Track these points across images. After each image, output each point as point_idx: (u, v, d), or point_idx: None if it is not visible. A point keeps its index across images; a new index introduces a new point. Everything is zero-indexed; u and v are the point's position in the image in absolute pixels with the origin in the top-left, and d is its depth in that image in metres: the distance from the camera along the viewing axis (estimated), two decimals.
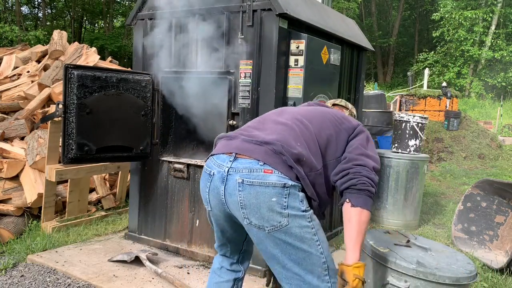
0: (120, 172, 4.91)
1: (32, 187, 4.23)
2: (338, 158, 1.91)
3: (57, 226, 4.09)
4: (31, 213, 4.29)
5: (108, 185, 5.04)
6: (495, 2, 20.93)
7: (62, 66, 4.77)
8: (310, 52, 3.28)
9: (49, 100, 5.14)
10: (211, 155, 1.91)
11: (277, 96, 3.18)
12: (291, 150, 1.77)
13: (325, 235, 1.84)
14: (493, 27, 21.32)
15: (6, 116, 5.18)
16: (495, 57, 20.53)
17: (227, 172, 1.77)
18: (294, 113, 1.99)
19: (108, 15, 27.45)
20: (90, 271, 3.23)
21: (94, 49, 6.21)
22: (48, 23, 25.45)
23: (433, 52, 23.11)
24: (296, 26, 3.34)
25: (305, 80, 3.24)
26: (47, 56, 6.04)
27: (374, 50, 7.44)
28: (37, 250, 3.59)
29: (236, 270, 2.14)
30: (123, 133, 3.50)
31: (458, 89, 20.35)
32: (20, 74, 5.84)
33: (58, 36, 6.24)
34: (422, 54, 23.49)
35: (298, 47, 3.23)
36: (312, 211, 1.82)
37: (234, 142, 1.85)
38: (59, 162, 4.12)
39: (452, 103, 11.51)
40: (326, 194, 1.91)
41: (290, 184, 1.73)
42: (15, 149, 4.60)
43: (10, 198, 4.26)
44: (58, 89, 5.02)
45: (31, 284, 3.06)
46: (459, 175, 8.53)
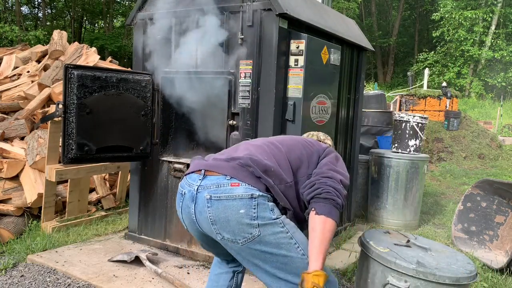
0: (120, 172, 4.91)
1: (32, 187, 4.23)
2: (309, 175, 1.94)
3: (57, 226, 4.09)
4: (31, 213, 4.29)
5: (108, 185, 5.04)
6: (495, 2, 20.92)
7: (62, 66, 4.77)
8: (310, 52, 3.28)
9: (49, 100, 5.14)
10: (184, 175, 1.97)
11: (277, 96, 3.18)
12: (258, 161, 1.82)
13: (304, 236, 1.84)
14: (493, 27, 21.32)
15: (6, 116, 5.18)
16: (495, 57, 20.54)
17: (197, 190, 1.81)
18: (266, 138, 2.10)
19: (108, 15, 27.44)
20: (90, 271, 3.23)
21: (94, 49, 6.21)
22: (48, 23, 25.44)
23: (433, 52, 23.11)
24: (296, 26, 3.34)
25: (305, 80, 3.24)
26: (47, 56, 6.04)
27: (374, 50, 7.44)
28: (37, 250, 3.59)
29: (236, 264, 2.18)
30: (123, 133, 3.50)
31: (458, 89, 20.35)
32: (20, 74, 5.84)
33: (58, 36, 6.24)
34: (422, 54, 23.49)
35: (298, 47, 3.23)
36: (284, 216, 1.83)
37: (205, 161, 1.91)
38: (59, 162, 4.12)
39: (452, 103, 11.51)
40: (299, 209, 1.93)
41: (257, 194, 1.75)
42: (15, 149, 4.60)
43: (10, 198, 4.26)
44: (58, 89, 5.02)
45: (31, 284, 3.06)
46: (459, 175, 8.53)
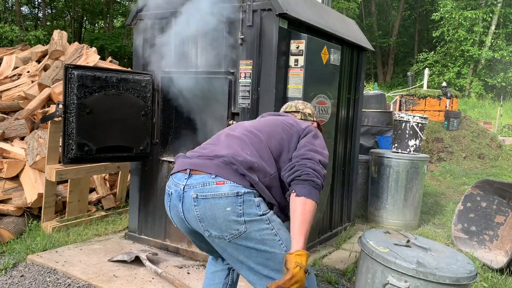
0: (120, 172, 4.91)
1: (32, 187, 4.23)
2: (290, 159, 1.96)
3: (57, 226, 4.10)
4: (31, 213, 4.29)
5: (108, 185, 5.04)
6: (495, 2, 20.93)
7: (62, 66, 4.77)
8: (310, 52, 3.28)
9: (49, 100, 5.14)
10: (171, 175, 1.99)
11: (277, 96, 3.18)
12: (241, 159, 1.83)
13: (288, 233, 1.86)
14: (493, 27, 21.32)
15: (6, 116, 5.18)
16: (495, 57, 20.53)
17: (183, 189, 1.84)
18: (246, 126, 2.07)
19: (108, 15, 27.44)
20: (90, 271, 3.23)
21: (94, 49, 6.21)
22: (48, 23, 25.44)
23: (433, 52, 23.11)
24: (296, 26, 3.34)
25: (305, 80, 3.24)
26: (47, 56, 6.04)
27: (374, 50, 7.44)
28: (37, 250, 3.59)
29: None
30: (123, 133, 3.50)
31: (458, 89, 20.35)
32: (20, 74, 5.84)
33: (58, 36, 6.24)
34: (422, 54, 23.49)
35: (298, 47, 3.23)
36: (271, 213, 1.86)
37: (189, 160, 1.92)
38: (59, 162, 4.12)
39: (452, 103, 11.51)
40: (283, 196, 1.96)
41: (243, 191, 1.78)
42: (15, 149, 4.60)
43: (10, 198, 4.26)
44: (58, 89, 5.02)
45: (31, 284, 3.06)
46: (459, 175, 8.53)
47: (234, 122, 3.32)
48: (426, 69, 15.77)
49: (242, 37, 3.23)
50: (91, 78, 3.24)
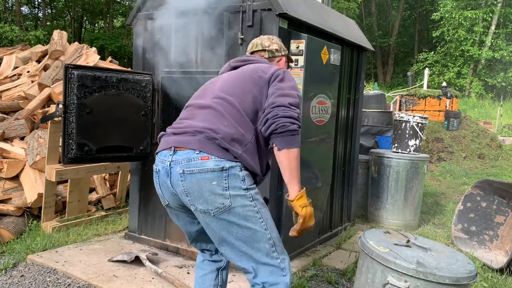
0: (120, 172, 4.91)
1: (32, 187, 4.23)
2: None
3: (57, 226, 4.10)
4: (31, 213, 4.29)
5: (108, 185, 5.04)
6: (495, 2, 20.93)
7: (62, 66, 4.77)
8: (310, 52, 3.28)
9: (49, 100, 5.14)
10: (156, 154, 2.04)
11: None
12: (221, 133, 1.87)
13: (269, 214, 1.96)
14: (493, 27, 21.33)
15: (6, 116, 5.18)
16: (495, 57, 20.55)
17: (169, 165, 1.90)
18: (215, 90, 2.04)
19: (108, 15, 27.45)
20: (90, 271, 3.23)
21: (94, 49, 6.21)
22: (48, 23, 25.44)
23: (433, 52, 23.12)
24: (296, 26, 3.34)
25: (305, 80, 3.24)
26: (47, 56, 6.04)
27: (374, 50, 7.44)
28: (37, 250, 3.59)
29: (217, 260, 2.22)
30: (123, 133, 3.50)
31: (458, 89, 20.36)
32: (20, 74, 5.84)
33: (58, 36, 6.24)
34: (422, 54, 23.50)
35: (298, 47, 3.23)
36: (255, 191, 1.92)
37: (172, 137, 1.97)
38: (59, 162, 4.12)
39: (452, 103, 11.51)
40: (267, 152, 2.03)
41: (228, 166, 1.84)
42: (15, 149, 4.60)
43: (10, 198, 4.26)
44: (58, 89, 5.02)
45: (31, 284, 3.06)
46: (459, 175, 8.53)
47: None
48: (426, 69, 15.78)
49: (242, 37, 3.23)
50: (91, 78, 3.24)
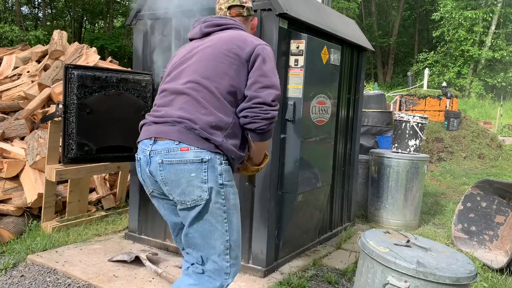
0: (120, 172, 4.91)
1: (32, 187, 4.23)
2: (244, 96, 1.96)
3: (57, 226, 4.10)
4: (31, 213, 4.29)
5: (108, 185, 5.04)
6: (495, 2, 20.94)
7: (62, 66, 4.77)
8: (310, 52, 3.28)
9: (49, 100, 5.14)
10: (137, 143, 2.05)
11: None
12: (200, 123, 1.83)
13: (238, 217, 1.95)
14: (493, 27, 21.34)
15: (6, 116, 5.18)
16: (495, 57, 20.55)
17: (149, 155, 1.90)
18: (189, 72, 1.93)
19: (108, 15, 27.45)
20: (90, 271, 3.23)
21: (94, 49, 6.21)
22: (48, 23, 25.45)
23: (433, 52, 23.13)
24: (296, 26, 3.34)
25: (305, 80, 3.24)
26: (47, 56, 6.04)
27: (374, 50, 7.45)
28: (37, 250, 3.59)
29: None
30: (123, 133, 3.50)
31: (458, 89, 20.36)
32: (20, 74, 5.84)
33: (58, 36, 6.24)
34: (422, 54, 23.51)
35: (298, 47, 3.23)
36: (230, 189, 1.90)
37: (153, 127, 1.94)
38: (59, 162, 4.12)
39: (452, 103, 11.52)
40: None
41: (207, 158, 1.83)
42: (15, 149, 4.60)
43: (10, 198, 4.26)
44: (58, 89, 5.02)
45: (31, 284, 3.06)
46: (459, 175, 8.53)
47: None
48: (426, 69, 15.78)
49: None
50: (91, 78, 3.24)
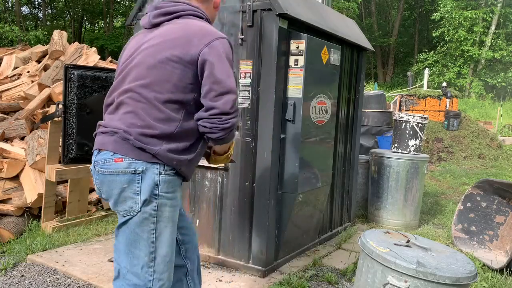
0: None
1: (32, 187, 4.23)
2: (196, 97, 1.82)
3: (57, 226, 4.10)
4: (31, 213, 4.29)
5: None
6: (495, 2, 20.94)
7: (62, 66, 4.77)
8: (310, 52, 3.28)
9: (49, 100, 5.14)
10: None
11: (277, 96, 3.18)
12: (134, 133, 1.76)
13: (170, 232, 1.85)
14: (493, 27, 21.35)
15: (6, 116, 5.18)
16: (495, 57, 20.56)
17: (94, 165, 1.88)
18: (132, 79, 1.81)
19: (108, 15, 27.46)
20: (90, 271, 3.23)
21: (94, 49, 6.21)
22: (48, 23, 25.46)
23: (433, 52, 23.14)
24: (296, 26, 3.34)
25: (305, 80, 3.24)
26: (47, 56, 6.04)
27: (374, 50, 7.45)
28: (37, 250, 3.59)
29: (180, 264, 2.10)
30: None
31: (458, 89, 20.37)
32: (20, 74, 5.84)
33: (58, 36, 6.24)
34: (422, 54, 23.52)
35: (298, 47, 3.23)
36: (167, 201, 1.82)
37: (98, 137, 1.90)
38: (59, 162, 4.12)
39: (452, 103, 11.52)
40: (196, 133, 1.89)
41: (141, 169, 1.76)
42: (15, 149, 4.60)
43: (10, 198, 4.26)
44: (58, 89, 5.02)
45: (31, 284, 3.06)
46: (459, 175, 8.53)
47: None
48: (426, 69, 15.78)
49: (242, 37, 3.23)
50: (91, 78, 3.25)
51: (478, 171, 9.12)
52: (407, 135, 4.89)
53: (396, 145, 5.01)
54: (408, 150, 4.90)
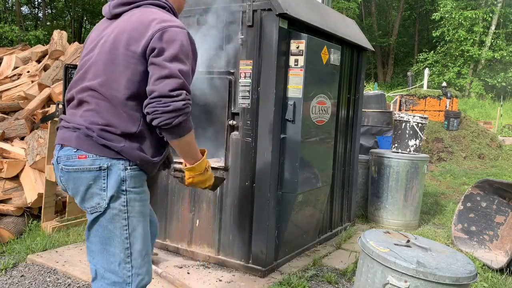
0: None
1: (32, 187, 4.23)
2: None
3: (57, 226, 4.09)
4: (31, 213, 4.29)
5: None
6: (495, 2, 20.94)
7: (62, 66, 4.77)
8: (310, 52, 3.28)
9: (49, 100, 5.14)
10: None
11: (277, 96, 3.18)
12: (96, 131, 1.74)
13: (143, 226, 1.84)
14: (493, 27, 21.35)
15: (6, 116, 5.18)
16: (495, 57, 20.56)
17: (57, 161, 1.84)
18: (91, 77, 1.79)
19: None
20: (90, 271, 3.22)
21: None
22: (48, 23, 25.47)
23: (433, 52, 23.13)
24: (296, 26, 3.34)
25: (305, 80, 3.24)
26: (47, 56, 6.04)
27: (374, 50, 7.45)
28: (37, 250, 3.59)
29: None
30: None
31: (458, 89, 20.37)
32: (20, 74, 5.84)
33: (58, 36, 6.24)
34: (422, 54, 23.52)
35: (298, 47, 3.23)
36: (136, 196, 1.80)
37: (61, 131, 1.87)
38: None
39: (452, 103, 11.52)
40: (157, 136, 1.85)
41: (106, 165, 1.74)
42: (15, 149, 4.60)
43: (10, 198, 4.26)
44: (58, 89, 5.02)
45: (31, 284, 3.06)
46: (459, 175, 8.53)
47: (234, 122, 3.32)
48: (426, 69, 15.79)
49: (242, 37, 3.23)
50: None
51: (478, 171, 9.12)
52: (407, 135, 4.89)
53: (396, 145, 5.01)
54: (408, 150, 4.90)
